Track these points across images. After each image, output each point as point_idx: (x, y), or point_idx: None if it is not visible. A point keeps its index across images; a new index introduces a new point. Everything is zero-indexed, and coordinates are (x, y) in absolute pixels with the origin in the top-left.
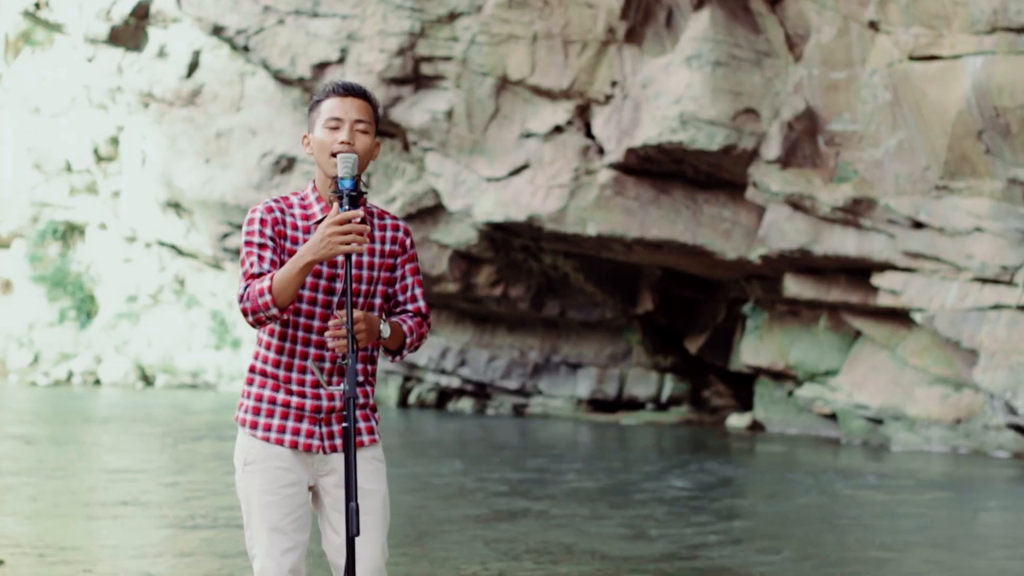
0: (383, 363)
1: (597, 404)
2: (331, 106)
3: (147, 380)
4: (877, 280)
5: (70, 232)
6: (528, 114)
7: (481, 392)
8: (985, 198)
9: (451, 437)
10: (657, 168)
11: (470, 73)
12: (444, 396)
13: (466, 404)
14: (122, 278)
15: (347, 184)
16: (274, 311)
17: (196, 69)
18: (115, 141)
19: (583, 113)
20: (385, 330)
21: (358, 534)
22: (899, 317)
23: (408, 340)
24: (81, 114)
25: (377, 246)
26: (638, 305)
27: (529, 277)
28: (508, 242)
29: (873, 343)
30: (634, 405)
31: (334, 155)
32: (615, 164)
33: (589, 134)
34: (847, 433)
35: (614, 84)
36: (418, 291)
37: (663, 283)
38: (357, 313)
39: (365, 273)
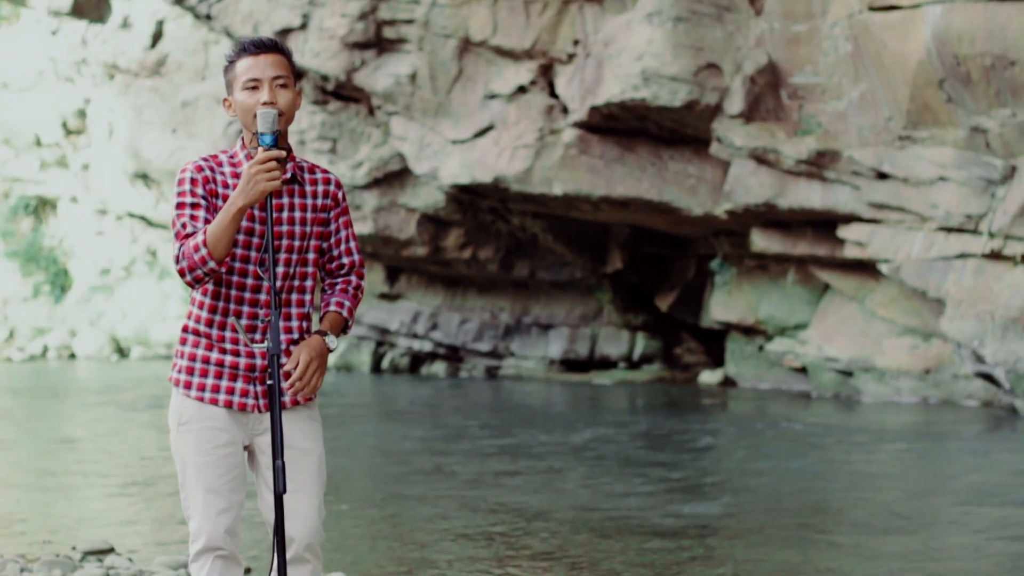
0: (356, 329)
1: (569, 364)
2: (246, 66)
3: (122, 352)
4: (843, 232)
5: (42, 207)
6: (491, 75)
7: (454, 355)
8: (948, 147)
9: (420, 402)
10: (621, 126)
11: (432, 36)
12: (417, 360)
13: (439, 368)
14: (95, 251)
15: (267, 140)
16: (212, 264)
17: (160, 39)
18: (82, 114)
19: (546, 73)
20: (332, 342)
21: (285, 491)
22: (866, 269)
23: (349, 321)
24: (48, 88)
25: (309, 200)
26: (607, 264)
27: (498, 239)
28: (475, 204)
29: (841, 296)
30: (606, 364)
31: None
32: (579, 123)
33: (553, 94)
34: (817, 386)
35: (576, 43)
36: (352, 244)
37: (632, 241)
38: (304, 355)
39: (298, 228)
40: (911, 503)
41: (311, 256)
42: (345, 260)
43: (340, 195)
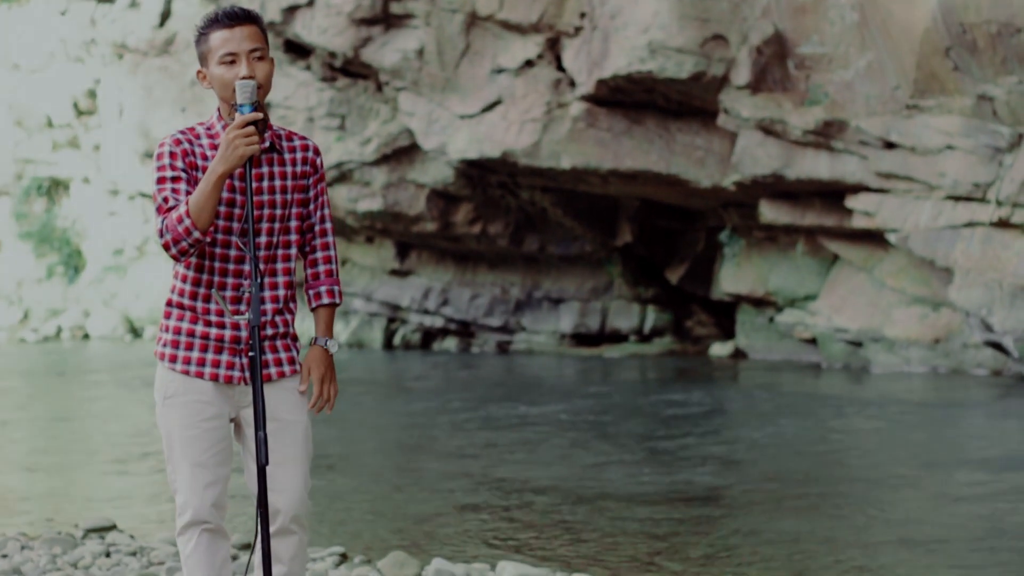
0: (367, 305)
1: (580, 338)
2: (221, 39)
3: (135, 332)
4: (851, 202)
5: (55, 188)
6: (499, 49)
7: (465, 331)
8: (955, 115)
9: (432, 376)
10: (628, 99)
11: (439, 11)
12: (429, 336)
13: (451, 343)
14: (108, 232)
15: (247, 110)
16: (196, 234)
17: (168, 18)
18: (93, 94)
19: (553, 46)
20: (333, 346)
21: (267, 463)
22: (875, 239)
23: (339, 301)
24: (59, 68)
25: (288, 168)
26: (617, 237)
27: (507, 213)
28: (484, 179)
29: (851, 266)
30: (617, 338)
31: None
32: (586, 96)
33: (560, 67)
34: (827, 357)
35: (583, 16)
36: (328, 210)
37: (641, 214)
38: (315, 374)
39: (279, 197)
40: (915, 472)
41: (293, 224)
42: (322, 226)
43: (319, 162)
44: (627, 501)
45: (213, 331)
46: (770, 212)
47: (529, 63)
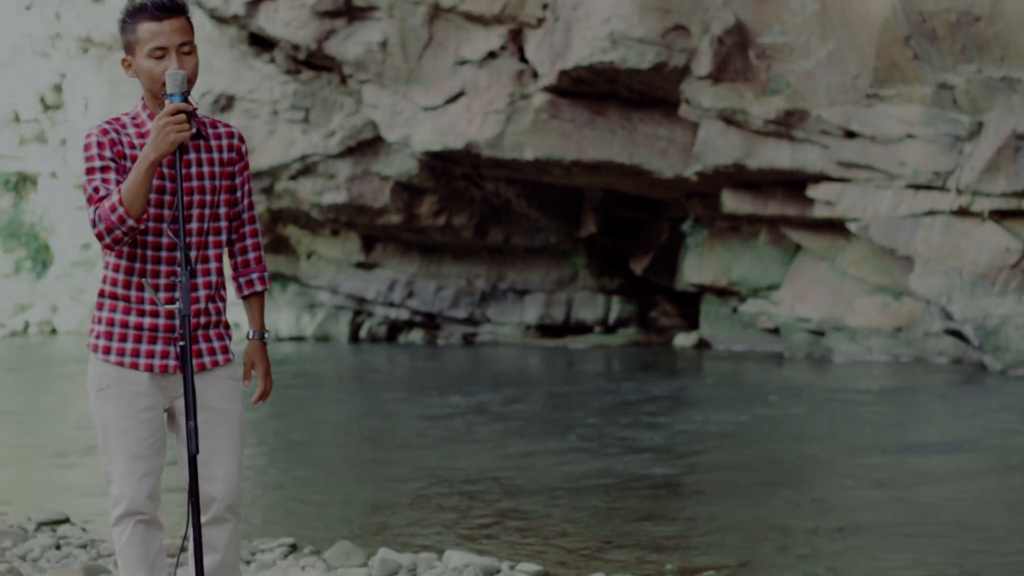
0: (333, 298)
1: (545, 329)
2: (151, 32)
3: None
4: (812, 192)
5: (22, 182)
6: (462, 41)
7: (431, 323)
8: (915, 104)
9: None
10: (591, 89)
11: (402, 3)
12: (394, 329)
13: (416, 336)
14: (75, 227)
15: (177, 100)
16: (130, 222)
17: None
18: (59, 89)
19: (516, 38)
20: (268, 337)
21: (197, 452)
22: (837, 228)
23: (267, 289)
24: (25, 63)
25: (215, 155)
26: (582, 228)
27: (472, 205)
28: (449, 171)
29: (813, 255)
30: (582, 329)
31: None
32: (549, 87)
33: (523, 59)
34: (790, 347)
35: (545, 7)
36: (252, 198)
37: (606, 205)
38: (260, 368)
39: (207, 183)
40: (868, 460)
41: (223, 210)
42: (250, 213)
43: (244, 148)
44: (578, 490)
45: (147, 320)
46: (732, 202)
47: (492, 55)
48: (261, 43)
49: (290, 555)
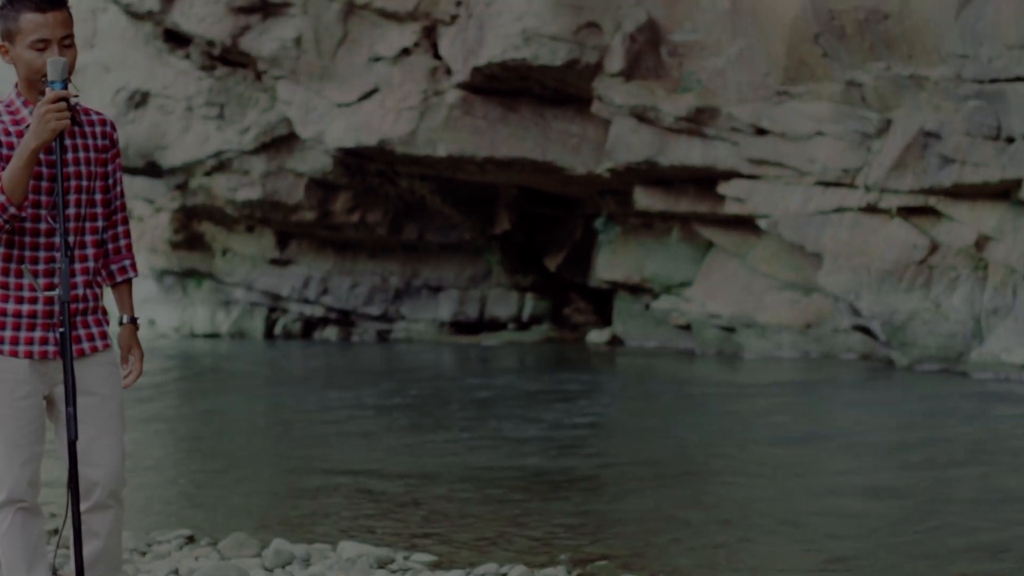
0: (248, 295)
1: (459, 326)
2: (33, 24)
3: None
4: (723, 189)
5: None
6: (376, 38)
7: (345, 320)
8: (825, 102)
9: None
10: (504, 86)
11: None
12: (309, 325)
13: (331, 332)
14: None
15: (58, 87)
16: (12, 210)
17: None
18: None
19: (430, 34)
20: (137, 323)
21: (76, 439)
22: (748, 225)
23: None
24: None
25: (90, 141)
26: (496, 225)
27: (386, 202)
28: (363, 167)
29: (725, 252)
30: (496, 325)
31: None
32: (462, 84)
33: (436, 55)
34: (701, 343)
35: (459, 4)
36: (122, 186)
37: (520, 202)
38: (136, 352)
39: (84, 169)
40: (765, 452)
41: (98, 197)
42: (121, 201)
43: (116, 136)
44: (476, 483)
45: (26, 307)
46: (644, 199)
47: (406, 51)
48: (176, 39)
49: (186, 546)
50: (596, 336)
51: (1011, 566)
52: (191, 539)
